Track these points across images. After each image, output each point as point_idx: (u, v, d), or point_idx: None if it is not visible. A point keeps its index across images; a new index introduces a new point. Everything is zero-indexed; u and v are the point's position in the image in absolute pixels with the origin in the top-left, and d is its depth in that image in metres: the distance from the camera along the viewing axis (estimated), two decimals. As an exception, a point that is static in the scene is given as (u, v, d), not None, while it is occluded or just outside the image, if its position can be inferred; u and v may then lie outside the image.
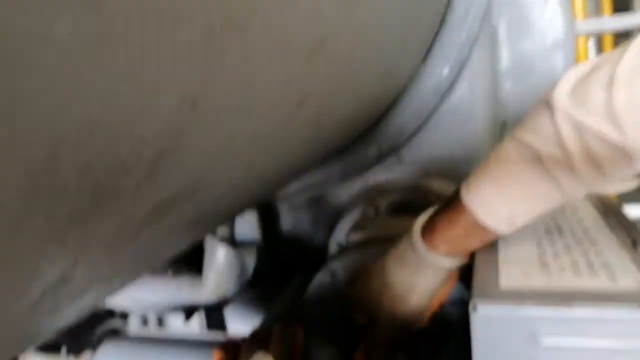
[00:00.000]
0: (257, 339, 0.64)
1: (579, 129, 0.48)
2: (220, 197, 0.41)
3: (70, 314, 0.32)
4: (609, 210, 0.68)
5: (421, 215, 0.62)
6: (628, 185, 0.52)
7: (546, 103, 0.51)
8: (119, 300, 1.00)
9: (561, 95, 0.49)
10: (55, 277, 0.25)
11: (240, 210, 0.67)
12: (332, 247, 1.07)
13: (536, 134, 0.51)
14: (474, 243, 0.58)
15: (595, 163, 0.48)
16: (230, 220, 0.75)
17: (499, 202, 0.54)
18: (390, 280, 0.64)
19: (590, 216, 0.66)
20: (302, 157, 0.62)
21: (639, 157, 0.47)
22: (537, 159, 0.51)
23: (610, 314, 0.43)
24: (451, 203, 0.58)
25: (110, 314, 1.12)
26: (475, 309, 0.47)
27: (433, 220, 0.60)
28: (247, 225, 1.14)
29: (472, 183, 0.56)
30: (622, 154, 0.47)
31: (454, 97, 0.98)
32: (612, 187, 0.51)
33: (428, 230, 0.60)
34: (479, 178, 0.56)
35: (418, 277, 0.61)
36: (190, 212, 0.36)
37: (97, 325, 1.07)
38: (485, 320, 0.47)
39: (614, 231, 0.60)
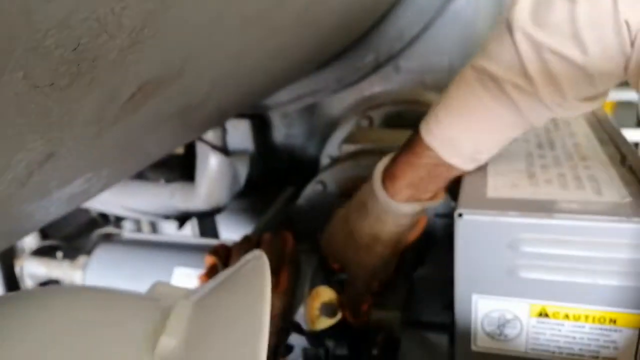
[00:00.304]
0: (248, 244, 0.65)
1: (539, 49, 0.45)
2: (208, 89, 0.40)
3: (61, 200, 0.32)
4: (602, 126, 0.68)
5: (381, 161, 0.59)
6: (590, 107, 0.50)
7: (505, 24, 0.47)
8: (113, 207, 1.02)
9: (520, 15, 0.45)
10: (40, 153, 0.24)
11: (229, 111, 0.65)
12: (325, 160, 1.07)
13: (496, 60, 0.48)
14: (438, 183, 0.56)
15: (556, 84, 0.46)
16: (218, 123, 0.73)
17: (462, 138, 0.51)
18: (354, 230, 0.62)
19: (582, 131, 0.66)
20: (295, 57, 0.59)
21: (600, 75, 0.45)
22: (498, 87, 0.48)
23: (591, 224, 0.44)
24: (411, 144, 0.55)
25: (105, 220, 1.15)
26: (460, 216, 0.48)
27: (394, 165, 0.57)
28: (240, 136, 1.13)
29: (432, 120, 0.53)
30: (583, 73, 0.45)
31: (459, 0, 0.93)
32: (575, 110, 0.49)
33: (389, 176, 0.57)
34: (439, 113, 0.52)
35: (381, 227, 0.60)
36: (176, 100, 0.35)
37: (92, 231, 1.09)
38: (469, 227, 0.48)
39: (604, 147, 0.60)
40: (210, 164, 0.88)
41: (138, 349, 0.26)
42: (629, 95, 2.26)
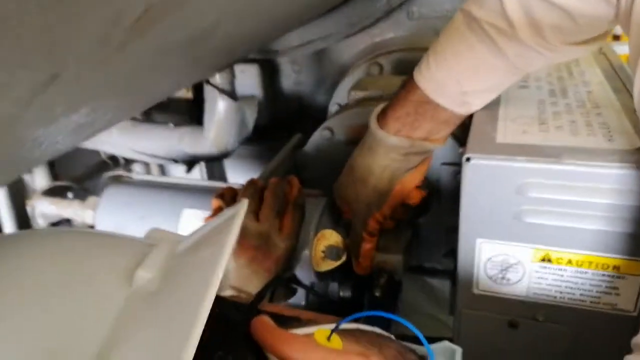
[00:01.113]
0: (254, 187, 0.66)
1: None
2: (216, 17, 0.39)
3: (67, 129, 0.32)
4: (617, 74, 0.66)
5: (381, 104, 0.61)
6: (584, 51, 0.50)
7: None
8: (122, 149, 1.02)
9: None
10: (44, 73, 0.24)
11: (237, 48, 0.64)
12: (333, 108, 1.06)
13: (481, 3, 0.49)
14: (424, 122, 0.57)
15: (536, 27, 0.46)
16: (227, 61, 0.72)
17: (447, 78, 0.53)
18: (353, 166, 0.64)
19: (596, 80, 0.64)
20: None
21: (584, 20, 0.44)
22: (482, 29, 0.49)
23: (600, 170, 0.44)
24: (404, 84, 0.58)
25: (115, 163, 1.15)
26: (468, 160, 0.48)
27: (389, 102, 0.59)
28: (248, 81, 1.12)
29: (424, 62, 0.55)
30: (567, 16, 0.44)
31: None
32: (567, 54, 0.49)
33: (382, 112, 0.60)
34: (430, 56, 0.54)
35: (372, 158, 0.61)
36: (183, 28, 0.34)
37: (102, 173, 1.10)
38: (477, 172, 0.48)
39: (618, 95, 0.59)
40: (219, 108, 0.88)
41: (117, 278, 0.27)
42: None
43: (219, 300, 0.33)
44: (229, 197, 0.66)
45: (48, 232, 0.37)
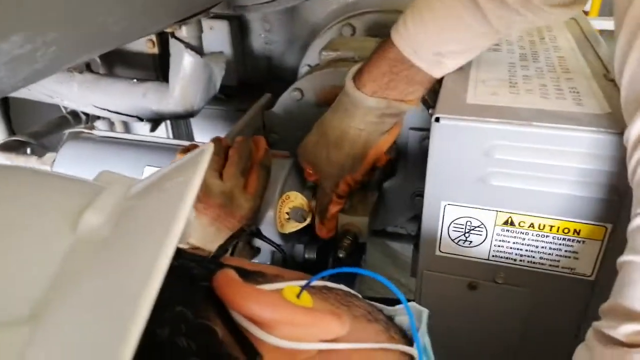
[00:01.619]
0: (219, 144, 0.64)
1: None
2: None
3: (1, 62, 0.28)
4: (588, 41, 0.66)
5: (358, 64, 0.60)
6: (565, 14, 0.49)
7: None
8: (83, 105, 0.98)
9: None
10: None
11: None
12: (304, 70, 1.03)
13: None
14: (399, 82, 0.56)
15: None
16: (188, 12, 0.68)
17: (422, 37, 0.52)
18: (326, 129, 0.63)
19: (567, 46, 0.64)
20: None
21: None
22: None
23: (569, 134, 0.44)
24: (381, 44, 0.57)
25: (77, 120, 1.11)
26: (437, 121, 0.47)
27: (365, 62, 0.58)
28: (217, 38, 1.08)
29: (401, 21, 0.54)
30: None
31: None
32: (548, 16, 0.48)
33: (359, 72, 0.58)
34: (407, 14, 0.53)
35: (349, 120, 0.60)
36: None
37: (63, 128, 1.06)
38: (446, 132, 0.47)
39: (588, 61, 0.59)
40: (184, 63, 0.84)
41: (59, 223, 0.24)
42: (611, 24, 2.24)
43: (177, 252, 0.30)
44: (194, 154, 0.64)
45: None
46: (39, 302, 0.20)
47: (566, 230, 0.47)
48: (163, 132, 1.19)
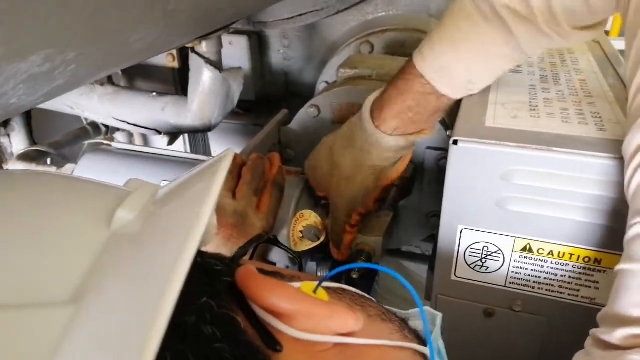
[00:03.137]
0: (233, 163, 0.64)
1: None
2: None
3: (18, 81, 0.29)
4: (610, 63, 0.64)
5: (374, 92, 0.57)
6: (587, 37, 0.48)
7: None
8: (103, 117, 0.99)
9: None
10: None
11: (219, 15, 0.61)
12: (321, 86, 1.04)
13: None
14: (426, 115, 0.53)
15: (553, 10, 0.44)
16: (208, 29, 0.69)
17: (455, 66, 0.49)
18: (338, 161, 0.60)
19: (589, 68, 0.63)
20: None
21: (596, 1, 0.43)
22: (494, 12, 0.46)
23: (590, 160, 0.43)
24: (403, 72, 0.53)
25: (97, 131, 1.12)
26: (455, 143, 0.46)
27: (383, 94, 0.55)
28: (236, 53, 1.09)
29: (426, 47, 0.50)
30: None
31: None
32: (572, 39, 0.47)
33: (377, 106, 0.55)
34: (434, 41, 0.50)
35: (364, 159, 0.58)
36: None
37: (83, 139, 1.07)
38: (464, 156, 0.46)
39: (611, 85, 0.57)
40: (204, 78, 0.85)
41: (95, 219, 0.26)
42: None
43: (200, 252, 0.32)
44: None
45: (21, 174, 0.35)
46: (78, 288, 0.22)
47: (587, 259, 0.46)
48: (181, 146, 1.20)
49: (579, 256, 0.46)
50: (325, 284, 0.32)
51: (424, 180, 0.75)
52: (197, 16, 0.50)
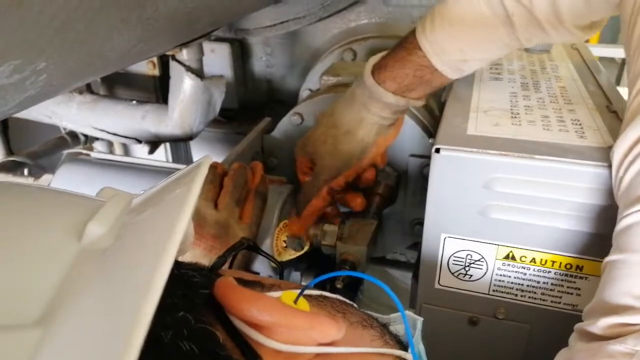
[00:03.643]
0: (214, 172, 0.63)
1: None
2: None
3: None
4: (590, 71, 0.65)
5: (374, 56, 0.59)
6: (584, 36, 0.49)
7: None
8: (81, 126, 0.97)
9: None
10: None
11: (197, 22, 0.60)
12: (305, 94, 1.03)
13: None
14: (421, 85, 0.56)
15: (556, 6, 0.46)
16: (187, 37, 0.68)
17: (450, 45, 0.52)
18: (338, 120, 0.62)
19: (569, 76, 0.63)
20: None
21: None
22: (500, 3, 0.48)
23: (571, 167, 0.43)
24: (405, 41, 0.56)
25: (75, 140, 1.10)
26: (437, 152, 0.46)
27: (385, 58, 0.57)
28: (218, 61, 1.09)
29: (428, 22, 0.53)
30: None
31: None
32: (569, 37, 0.49)
33: (378, 68, 0.57)
34: (436, 17, 0.52)
35: (365, 112, 0.60)
36: None
37: (61, 149, 1.05)
38: (446, 164, 0.46)
39: (591, 92, 0.58)
40: (184, 86, 0.84)
41: (65, 233, 0.25)
42: (610, 51, 2.26)
43: (177, 263, 0.31)
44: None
45: None
46: (48, 307, 0.21)
47: (568, 266, 0.46)
48: (162, 155, 1.18)
49: (560, 263, 0.46)
50: (306, 292, 0.32)
51: (407, 188, 0.75)
52: (175, 24, 0.49)
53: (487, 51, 0.53)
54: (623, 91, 0.61)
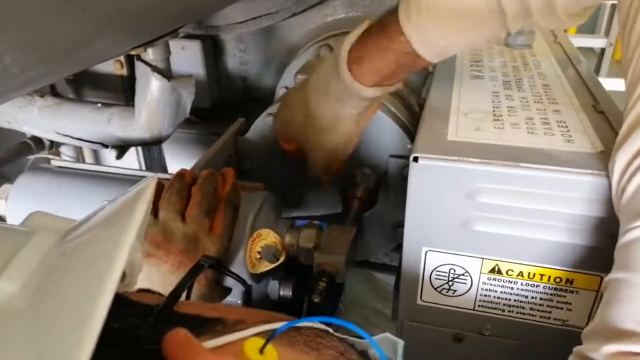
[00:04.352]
0: (181, 181, 0.58)
1: None
2: None
3: None
4: (574, 67, 0.62)
5: (347, 38, 0.54)
6: (572, 23, 0.45)
7: None
8: (44, 131, 0.92)
9: None
10: None
11: (160, 20, 0.56)
12: (281, 92, 0.99)
13: None
14: (402, 73, 0.53)
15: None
16: (152, 35, 0.64)
17: (435, 30, 0.48)
18: (314, 112, 0.59)
19: (552, 72, 0.60)
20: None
21: None
22: None
23: (559, 176, 0.40)
24: (385, 26, 0.51)
25: (39, 145, 1.05)
26: (415, 160, 0.43)
27: (362, 45, 0.53)
28: (189, 59, 1.04)
29: (413, 5, 0.48)
30: None
31: None
32: (557, 24, 0.45)
33: (356, 58, 0.53)
34: (422, 1, 0.48)
35: (341, 107, 0.57)
36: None
37: (24, 155, 1.00)
38: (425, 173, 0.43)
39: (575, 90, 0.55)
40: (151, 88, 0.79)
41: None
42: (590, 42, 2.26)
43: (120, 307, 0.27)
44: (155, 192, 0.59)
45: None
46: None
47: (558, 280, 0.43)
48: (134, 158, 1.14)
49: (549, 277, 0.43)
50: (278, 324, 0.29)
51: (388, 189, 0.72)
52: (136, 21, 0.45)
53: (471, 37, 0.49)
54: (602, 81, 0.58)
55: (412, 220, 0.45)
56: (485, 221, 0.43)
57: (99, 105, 0.88)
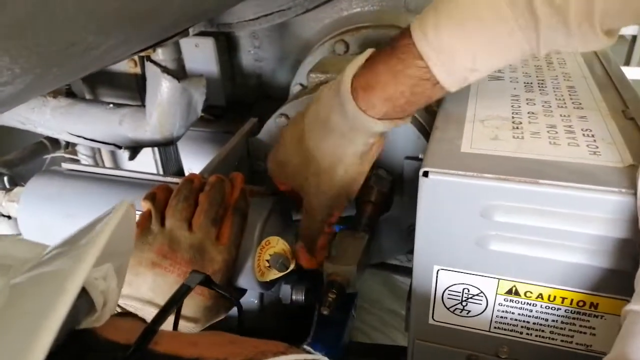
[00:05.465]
0: (189, 188, 0.57)
1: None
2: None
3: None
4: (602, 66, 0.58)
5: (350, 65, 0.47)
6: (607, 42, 0.40)
7: None
8: (57, 132, 0.92)
9: None
10: None
11: (171, 20, 0.54)
12: (295, 89, 0.97)
13: None
14: (418, 103, 0.45)
15: (590, 8, 0.36)
16: (163, 35, 0.62)
17: (460, 51, 0.40)
18: (313, 152, 0.53)
19: (578, 72, 0.56)
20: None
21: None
22: (528, 3, 0.38)
23: (582, 194, 0.36)
24: (397, 48, 0.43)
25: (55, 145, 1.04)
26: (426, 175, 0.40)
27: (370, 71, 0.46)
28: (203, 56, 1.02)
29: (431, 23, 0.41)
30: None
31: None
32: (594, 43, 0.39)
33: (363, 85, 0.45)
34: (441, 17, 0.41)
35: (346, 146, 0.50)
36: None
37: (40, 155, 1.00)
38: (437, 189, 0.40)
39: (604, 93, 0.51)
40: (162, 89, 0.78)
41: None
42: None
43: (87, 349, 0.25)
44: (162, 198, 0.57)
45: None
46: None
47: (581, 304, 0.40)
48: (150, 157, 1.13)
49: (572, 300, 0.40)
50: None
51: (403, 192, 0.69)
52: (144, 22, 0.43)
53: (498, 59, 0.42)
54: (633, 71, 0.54)
55: (423, 237, 0.42)
56: (501, 240, 0.40)
57: (111, 106, 0.87)
